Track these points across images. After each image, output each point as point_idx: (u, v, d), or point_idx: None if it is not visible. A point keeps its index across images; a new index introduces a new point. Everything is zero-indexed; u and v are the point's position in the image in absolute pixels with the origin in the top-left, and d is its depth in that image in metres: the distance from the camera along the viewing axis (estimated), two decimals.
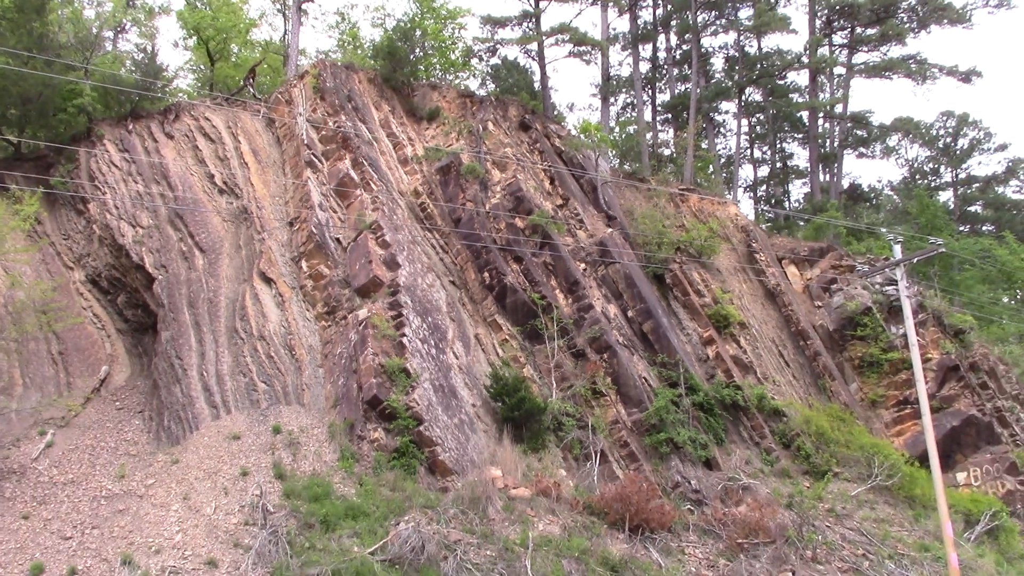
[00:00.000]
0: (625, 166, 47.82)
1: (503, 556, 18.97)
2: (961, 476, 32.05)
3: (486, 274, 28.36)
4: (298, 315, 25.22)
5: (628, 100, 60.50)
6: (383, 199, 27.23)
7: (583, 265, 29.59)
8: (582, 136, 34.81)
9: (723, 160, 61.80)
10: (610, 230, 31.25)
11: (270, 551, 17.37)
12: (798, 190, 71.12)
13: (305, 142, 28.15)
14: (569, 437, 25.15)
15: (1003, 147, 74.99)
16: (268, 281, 25.62)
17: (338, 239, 26.54)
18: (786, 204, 66.59)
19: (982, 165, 76.63)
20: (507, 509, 20.92)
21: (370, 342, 23.00)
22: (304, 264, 25.99)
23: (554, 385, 26.45)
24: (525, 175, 30.67)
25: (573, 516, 21.74)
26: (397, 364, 22.70)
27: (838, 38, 57.57)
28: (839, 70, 58.35)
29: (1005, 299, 57.45)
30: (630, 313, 29.45)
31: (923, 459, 27.07)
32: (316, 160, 27.99)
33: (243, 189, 27.38)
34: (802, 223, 50.82)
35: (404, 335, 23.55)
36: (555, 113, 45.98)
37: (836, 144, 62.95)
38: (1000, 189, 73.08)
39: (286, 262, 26.17)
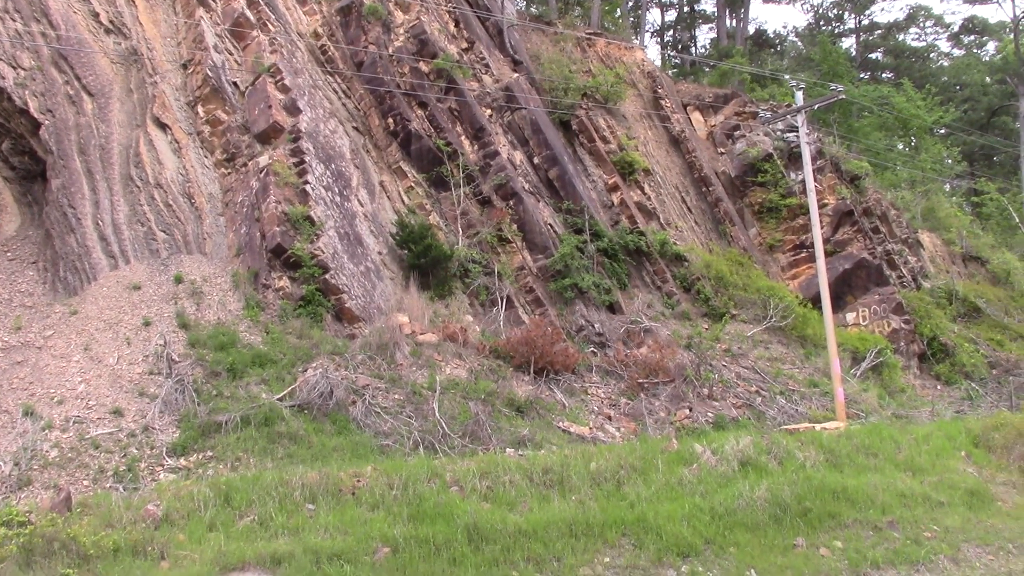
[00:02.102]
0: (532, 9, 46.83)
1: (411, 399, 19.33)
2: (850, 316, 33.53)
3: (390, 120, 27.79)
4: (196, 162, 24.45)
5: None
6: (282, 41, 26.18)
7: (489, 111, 29.21)
8: None
9: (630, 4, 60.86)
10: (516, 75, 30.77)
11: (176, 399, 17.36)
12: (704, 35, 70.98)
13: None
14: (476, 283, 25.37)
15: None
16: (163, 127, 24.65)
17: (235, 83, 25.54)
18: (692, 50, 66.30)
19: (884, 12, 77.29)
20: (415, 354, 21.19)
21: (272, 190, 22.54)
22: (200, 109, 25.03)
23: (460, 232, 26.47)
24: (429, 17, 29.76)
25: (480, 360, 22.16)
26: (301, 212, 22.36)
27: None
28: None
29: (900, 146, 59.03)
30: (536, 160, 29.38)
31: (816, 300, 28.19)
32: None
33: (131, 29, 25.94)
34: (708, 69, 50.87)
35: (307, 182, 23.11)
36: None
37: None
38: (900, 36, 73.96)
39: (181, 107, 25.16)
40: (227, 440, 16.19)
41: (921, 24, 74.96)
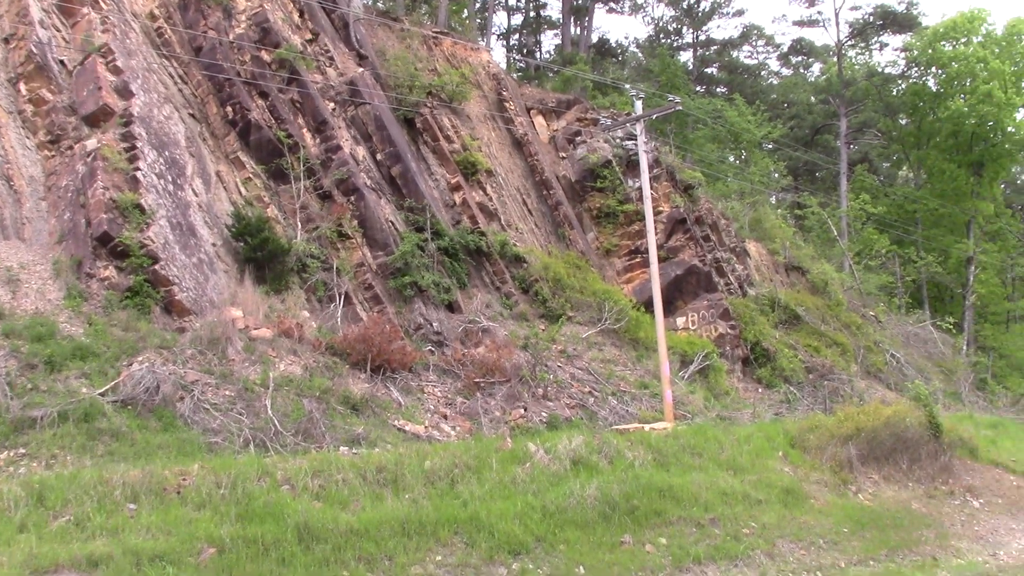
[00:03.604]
0: (379, 4, 46.40)
1: (242, 396, 18.83)
2: (681, 321, 34.71)
3: (229, 108, 26.98)
4: (16, 143, 23.07)
5: None
6: (114, 20, 25.03)
7: (332, 104, 28.78)
8: None
9: (478, 5, 61.22)
10: (361, 70, 30.43)
11: None
12: (549, 41, 72.05)
13: None
14: (313, 279, 24.95)
15: (740, 13, 78.89)
16: None
17: (63, 61, 24.24)
18: (537, 54, 67.27)
19: (720, 29, 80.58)
20: (248, 350, 20.65)
21: (100, 175, 21.51)
22: (23, 87, 23.62)
23: (299, 226, 25.98)
24: (273, 5, 29.06)
25: (315, 356, 21.80)
26: (130, 199, 21.43)
27: None
28: None
29: (731, 158, 61.58)
30: (379, 156, 29.13)
31: (648, 305, 29.01)
32: None
33: None
34: (551, 74, 51.69)
35: (138, 169, 22.17)
36: None
37: None
38: (734, 53, 77.22)
39: (1, 84, 23.71)
40: (42, 437, 15.32)
41: (754, 43, 78.54)
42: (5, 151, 22.79)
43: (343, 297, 25.17)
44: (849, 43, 68.38)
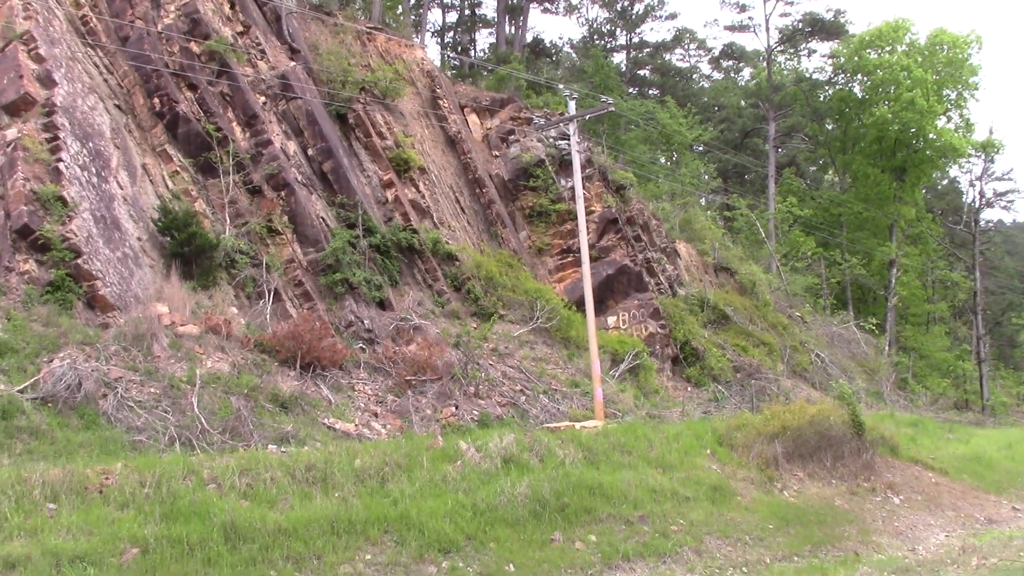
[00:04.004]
0: None
1: (168, 393, 18.45)
2: (612, 320, 34.98)
3: (156, 100, 26.41)
4: None
5: None
6: (37, 7, 24.32)
7: (263, 98, 28.37)
8: None
9: (412, 2, 60.93)
10: (293, 64, 30.05)
11: None
12: (484, 39, 72.02)
13: None
14: (242, 275, 24.57)
15: (673, 16, 79.84)
16: None
17: None
18: (472, 53, 67.19)
19: (653, 31, 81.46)
20: (174, 346, 20.25)
21: (20, 166, 20.90)
22: None
23: (228, 221, 25.56)
24: None
25: (244, 354, 21.46)
26: (52, 191, 20.86)
27: None
28: None
29: (662, 159, 62.25)
30: (310, 151, 28.82)
31: (580, 304, 29.18)
32: None
33: None
34: (486, 73, 51.66)
35: (61, 160, 21.59)
36: None
37: None
38: (667, 56, 78.12)
39: None
40: None
41: (686, 46, 79.57)
42: None
43: (273, 294, 24.84)
44: (779, 49, 69.65)
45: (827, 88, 67.25)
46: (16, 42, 23.11)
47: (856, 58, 61.34)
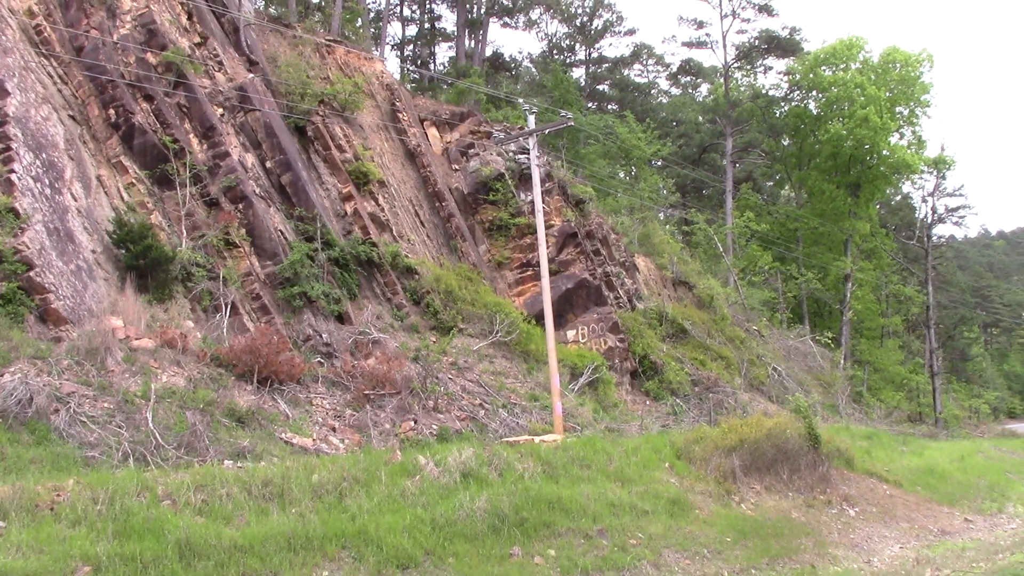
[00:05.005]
0: (270, 9, 45.68)
1: (122, 408, 18.17)
2: (571, 334, 35.06)
3: (112, 111, 26.11)
4: None
5: None
6: None
7: (221, 110, 28.15)
8: None
9: (372, 15, 60.95)
10: (251, 76, 29.88)
11: None
12: (444, 53, 72.18)
13: None
14: (199, 288, 24.31)
15: (632, 32, 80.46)
16: None
17: None
18: (431, 66, 67.25)
19: (612, 47, 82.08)
20: (128, 360, 19.97)
21: None
22: None
23: (184, 234, 25.29)
24: (160, 7, 28.28)
25: (200, 368, 21.21)
26: (4, 203, 20.51)
27: None
28: None
29: (621, 174, 62.65)
30: (269, 164, 28.64)
31: (539, 317, 29.22)
32: None
33: None
34: (445, 86, 51.75)
35: (13, 171, 21.25)
36: None
37: (483, 11, 64.28)
38: (626, 71, 78.73)
39: None
40: None
41: (644, 62, 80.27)
42: None
43: (229, 307, 24.59)
44: (736, 65, 70.48)
45: (783, 104, 68.20)
46: None
47: (811, 75, 62.28)
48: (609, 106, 75.54)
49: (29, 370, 17.66)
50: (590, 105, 71.22)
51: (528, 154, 27.94)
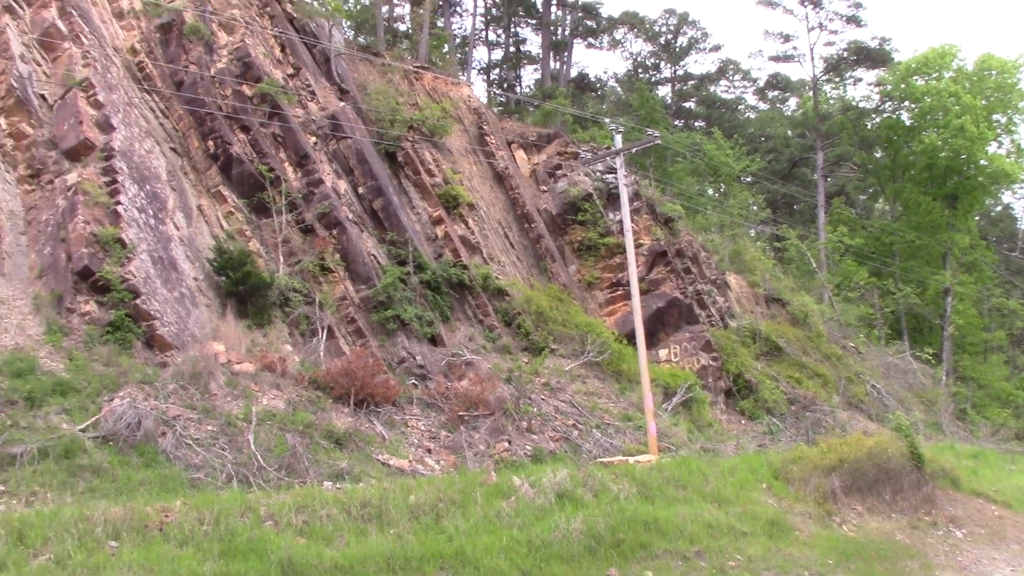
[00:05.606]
0: (360, 39, 46.73)
1: (225, 431, 18.67)
2: (663, 353, 34.79)
3: (210, 142, 26.99)
4: None
5: None
6: (96, 55, 25.04)
7: (314, 138, 28.85)
8: (315, 3, 33.53)
9: (458, 40, 61.72)
10: (342, 104, 30.56)
11: None
12: (530, 76, 72.66)
13: None
14: (296, 313, 24.86)
15: (717, 48, 79.89)
16: None
17: (43, 96, 24.21)
18: (517, 89, 67.75)
19: (698, 64, 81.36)
20: (230, 384, 20.51)
21: (81, 209, 21.43)
22: (3, 121, 23.54)
23: (281, 260, 25.92)
24: (254, 40, 29.19)
25: (298, 391, 21.67)
26: (111, 233, 21.34)
27: None
28: None
29: (710, 191, 62.06)
30: (361, 190, 29.19)
31: (631, 337, 29.04)
32: (16, 5, 25.15)
33: None
34: (532, 109, 52.07)
35: (119, 203, 22.10)
36: None
37: (567, 32, 64.53)
38: (712, 88, 78.08)
39: None
40: (22, 473, 15.13)
41: (731, 78, 79.49)
42: None
43: (326, 331, 25.08)
44: (824, 78, 69.20)
45: (875, 116, 66.66)
46: (76, 89, 23.78)
47: (903, 85, 60.78)
48: (696, 123, 75.00)
49: (137, 395, 18.29)
50: (677, 123, 70.81)
51: (615, 174, 27.91)
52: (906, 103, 62.93)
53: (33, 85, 24.03)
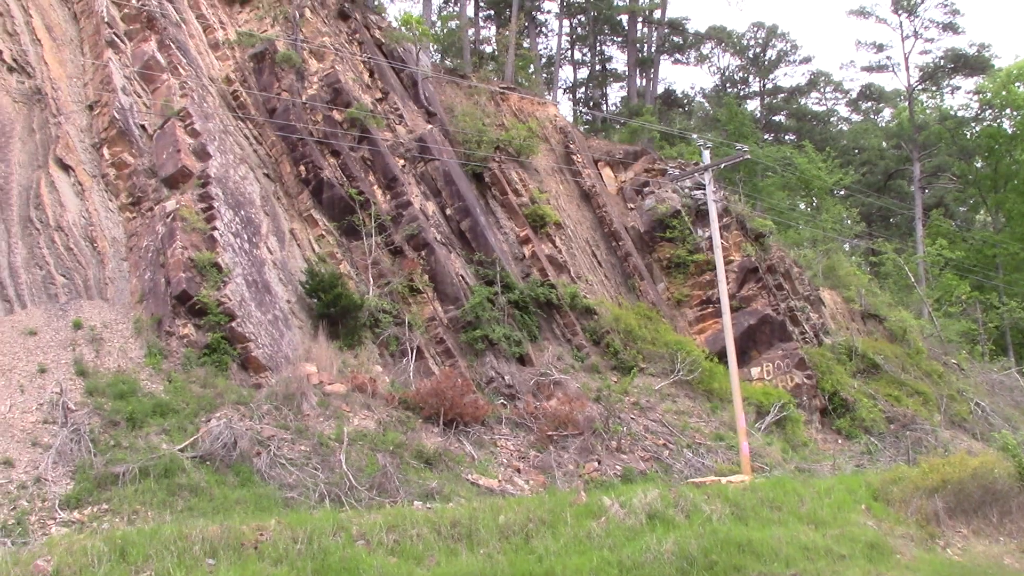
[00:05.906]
0: (446, 62, 47.26)
1: (318, 451, 18.97)
2: (755, 371, 34.16)
3: (302, 167, 27.58)
4: (100, 205, 23.84)
5: None
6: (192, 85, 25.86)
7: (402, 161, 29.24)
8: (403, 29, 34.01)
9: (544, 60, 61.98)
10: (430, 126, 30.91)
11: (72, 449, 16.69)
12: (616, 93, 72.46)
13: (105, 20, 26.22)
14: (386, 333, 25.15)
15: (807, 60, 78.52)
16: (66, 168, 24.00)
17: (143, 126, 25.09)
18: (603, 107, 67.63)
19: (787, 76, 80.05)
20: (322, 405, 20.85)
21: (179, 235, 22.09)
22: (106, 151, 24.48)
23: (371, 282, 26.28)
24: (343, 66, 29.77)
25: (388, 411, 21.91)
26: (208, 258, 21.94)
27: None
28: None
29: (802, 206, 60.94)
30: (448, 211, 29.44)
31: (722, 355, 28.63)
32: (118, 40, 26.15)
33: (36, 68, 25.32)
34: (618, 126, 51.91)
35: (215, 228, 22.72)
36: (375, 3, 44.67)
37: (653, 49, 64.24)
38: (802, 100, 76.75)
39: (86, 148, 24.57)
40: (124, 492, 15.60)
41: (821, 89, 78.04)
42: (89, 214, 23.57)
43: (415, 351, 25.31)
44: (920, 87, 67.46)
45: (974, 125, 64.67)
46: (174, 119, 24.58)
47: (1004, 92, 58.88)
48: (786, 136, 73.80)
49: (233, 415, 18.72)
50: (766, 137, 69.78)
51: (704, 190, 27.61)
52: (1007, 111, 60.95)
53: (134, 116, 24.91)
